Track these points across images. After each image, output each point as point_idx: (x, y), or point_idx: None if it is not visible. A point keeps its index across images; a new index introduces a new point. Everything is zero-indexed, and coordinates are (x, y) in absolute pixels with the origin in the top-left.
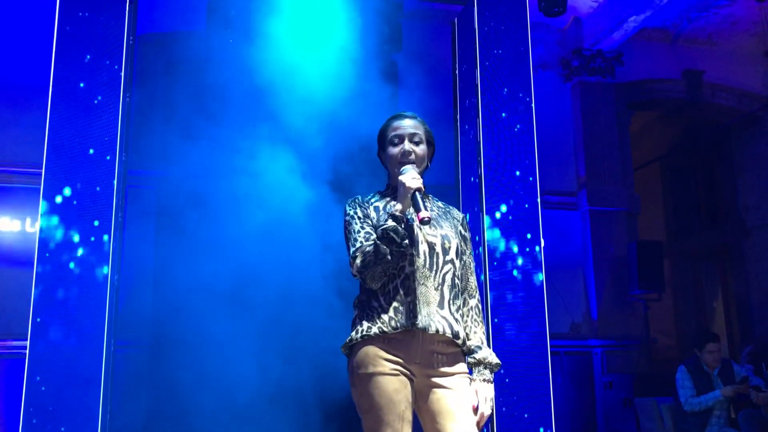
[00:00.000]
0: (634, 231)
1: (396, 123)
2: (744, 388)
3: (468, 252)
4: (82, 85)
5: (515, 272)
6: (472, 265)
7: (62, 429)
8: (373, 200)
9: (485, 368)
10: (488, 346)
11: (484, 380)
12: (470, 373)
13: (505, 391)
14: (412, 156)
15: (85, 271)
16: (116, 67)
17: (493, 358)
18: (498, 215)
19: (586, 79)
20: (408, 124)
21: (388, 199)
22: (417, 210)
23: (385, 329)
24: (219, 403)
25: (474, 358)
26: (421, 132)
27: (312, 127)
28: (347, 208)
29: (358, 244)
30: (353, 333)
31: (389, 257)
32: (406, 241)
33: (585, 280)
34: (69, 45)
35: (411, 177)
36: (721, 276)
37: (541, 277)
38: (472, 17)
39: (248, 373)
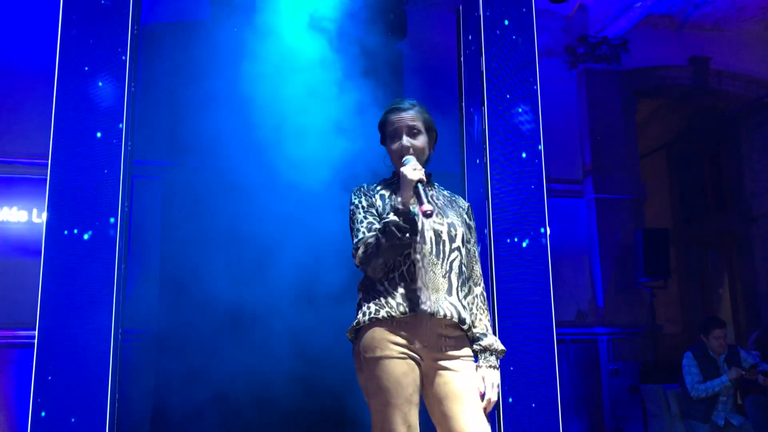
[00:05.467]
0: (641, 218)
1: (393, 117)
2: (752, 373)
3: (473, 241)
4: (87, 75)
5: (521, 260)
6: (477, 254)
7: (71, 417)
8: (378, 188)
9: (491, 354)
10: (494, 333)
11: (490, 366)
12: (476, 360)
13: (511, 379)
14: (411, 151)
15: (92, 261)
16: (121, 57)
17: (499, 345)
18: (504, 203)
19: (591, 67)
20: (406, 117)
21: (393, 187)
22: (420, 202)
23: (393, 314)
24: (226, 392)
25: (480, 344)
26: (419, 123)
27: (315, 116)
28: (352, 197)
29: (360, 235)
30: (360, 315)
31: (390, 250)
32: (408, 234)
33: (591, 268)
34: (74, 35)
35: (412, 168)
36: (727, 263)
37: (547, 264)
38: (477, 4)
39: (254, 362)
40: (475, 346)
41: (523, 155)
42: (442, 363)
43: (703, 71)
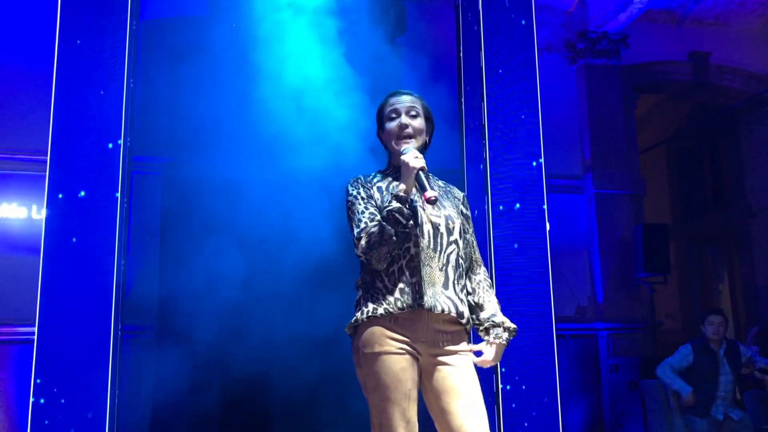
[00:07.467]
0: (640, 214)
1: (393, 99)
2: (749, 367)
3: (471, 231)
4: (85, 70)
5: (520, 255)
6: (475, 241)
7: (71, 414)
8: (375, 180)
9: (504, 331)
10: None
11: (501, 343)
12: (480, 341)
13: (511, 374)
14: (410, 129)
15: (92, 257)
16: (120, 52)
17: (511, 324)
18: (503, 198)
19: (591, 62)
20: (405, 99)
21: (390, 179)
22: (423, 190)
23: (391, 310)
24: (228, 388)
25: (493, 321)
26: (418, 106)
27: (315, 111)
28: (349, 188)
29: (362, 225)
30: (358, 314)
31: (395, 238)
32: (411, 222)
33: (590, 263)
34: (72, 31)
35: (414, 156)
36: (726, 258)
37: (547, 260)
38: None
39: (256, 357)
40: (486, 324)
41: (523, 154)
42: (440, 358)
43: (703, 67)
